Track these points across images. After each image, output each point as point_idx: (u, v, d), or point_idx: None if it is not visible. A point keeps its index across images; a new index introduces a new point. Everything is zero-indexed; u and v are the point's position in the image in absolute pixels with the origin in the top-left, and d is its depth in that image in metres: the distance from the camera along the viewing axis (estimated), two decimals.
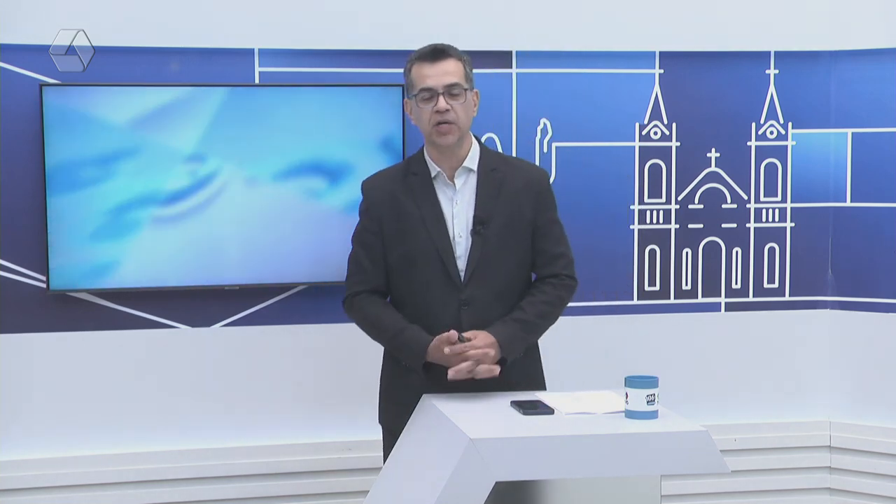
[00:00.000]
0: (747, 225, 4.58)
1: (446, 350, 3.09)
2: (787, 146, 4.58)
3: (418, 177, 3.25)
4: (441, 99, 3.16)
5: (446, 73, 3.18)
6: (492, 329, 3.15)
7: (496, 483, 2.63)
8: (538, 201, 3.26)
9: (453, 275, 3.19)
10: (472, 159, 3.26)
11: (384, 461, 3.26)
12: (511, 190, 3.23)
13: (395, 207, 3.24)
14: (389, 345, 3.25)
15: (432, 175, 3.24)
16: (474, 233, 3.19)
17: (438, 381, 3.16)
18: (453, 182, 3.24)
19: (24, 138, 4.04)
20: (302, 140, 4.17)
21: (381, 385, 3.39)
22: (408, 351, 3.18)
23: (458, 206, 3.23)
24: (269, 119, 4.14)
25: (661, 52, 4.46)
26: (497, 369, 3.12)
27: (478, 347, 3.09)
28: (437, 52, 3.20)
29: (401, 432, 3.14)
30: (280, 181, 4.16)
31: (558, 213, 3.34)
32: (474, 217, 3.21)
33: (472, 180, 3.25)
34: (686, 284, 4.55)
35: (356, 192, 4.17)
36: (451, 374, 3.09)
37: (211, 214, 4.13)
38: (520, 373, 3.24)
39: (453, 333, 3.09)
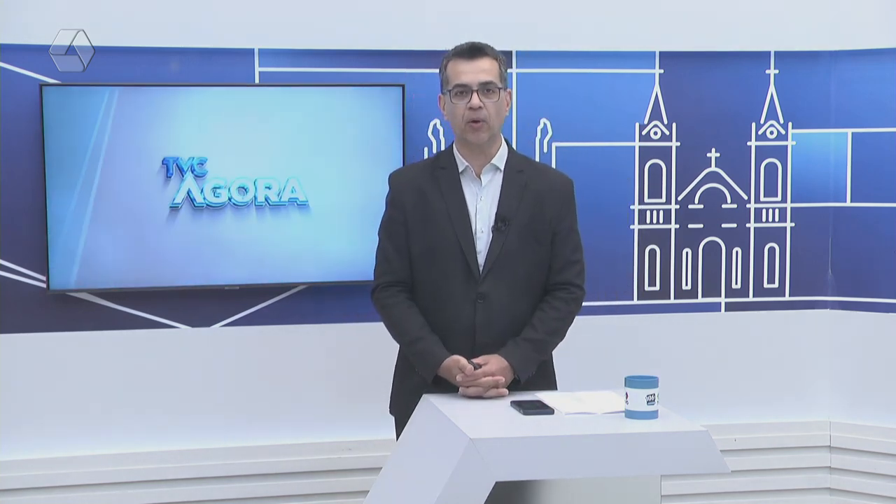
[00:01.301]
0: (747, 225, 4.58)
1: (459, 378, 3.14)
2: (787, 146, 4.58)
3: (446, 171, 3.29)
4: (475, 96, 3.19)
5: (482, 70, 3.21)
6: (504, 352, 3.19)
7: (496, 483, 2.63)
8: (560, 207, 3.30)
9: (473, 268, 3.23)
10: (501, 158, 3.29)
11: None
12: (535, 192, 3.27)
13: (420, 199, 3.27)
14: (406, 350, 3.30)
15: (460, 170, 3.28)
16: (495, 229, 3.23)
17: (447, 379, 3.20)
18: (480, 178, 3.27)
19: (24, 138, 4.04)
20: (302, 140, 4.17)
21: (394, 376, 3.42)
22: (421, 361, 3.23)
23: (483, 202, 3.26)
24: (269, 119, 4.14)
25: (661, 52, 4.47)
26: (505, 393, 3.15)
27: (490, 374, 3.13)
28: (473, 50, 3.23)
29: None
30: (280, 181, 4.16)
31: (578, 223, 3.36)
32: (496, 214, 3.24)
33: (498, 178, 3.29)
34: (686, 284, 4.55)
35: (356, 192, 4.20)
36: (461, 391, 3.16)
37: (211, 214, 4.13)
38: (532, 379, 3.26)
39: (467, 365, 3.13)
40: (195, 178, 4.10)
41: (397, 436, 3.36)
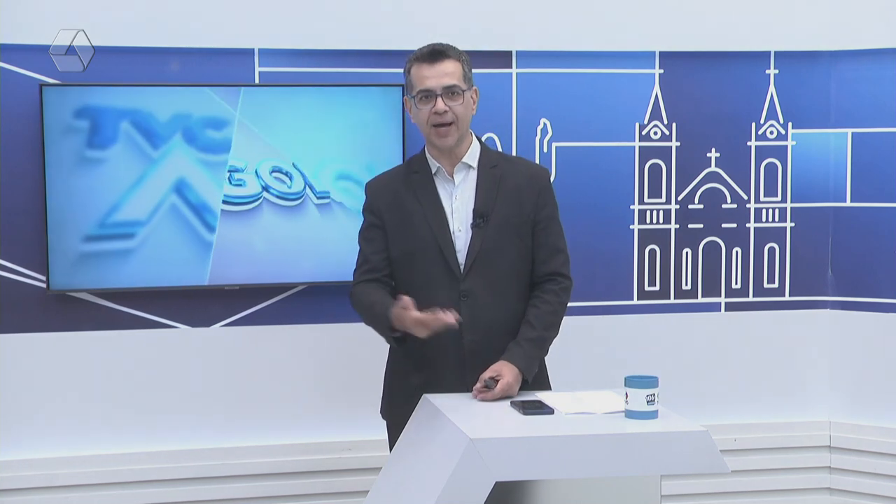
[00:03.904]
0: (747, 225, 4.58)
1: (479, 398, 3.07)
2: (787, 146, 4.58)
3: (419, 174, 3.29)
4: (439, 101, 3.18)
5: (445, 74, 3.20)
6: (509, 356, 3.16)
7: (496, 483, 2.63)
8: (538, 198, 3.29)
9: (453, 268, 3.22)
10: (472, 156, 3.29)
11: (390, 451, 3.28)
12: (511, 186, 3.27)
13: (397, 204, 3.27)
14: (369, 323, 3.26)
15: (433, 171, 3.28)
16: (474, 226, 3.22)
17: (443, 378, 3.20)
18: (453, 178, 3.27)
19: (24, 138, 4.04)
20: (302, 140, 4.17)
21: (385, 379, 3.41)
22: (378, 323, 3.18)
23: (458, 202, 3.26)
24: (269, 119, 4.15)
25: (661, 52, 4.47)
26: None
27: (508, 385, 3.08)
28: (435, 54, 3.22)
29: (403, 424, 3.16)
30: (280, 181, 4.16)
31: (559, 212, 3.35)
32: (474, 211, 3.24)
33: (472, 176, 3.28)
34: (686, 284, 4.55)
35: (356, 192, 4.20)
36: (478, 398, 3.10)
37: (211, 214, 4.13)
38: None
39: (407, 300, 3.06)
40: (195, 178, 4.10)
41: (389, 440, 3.35)
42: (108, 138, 4.04)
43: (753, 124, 4.56)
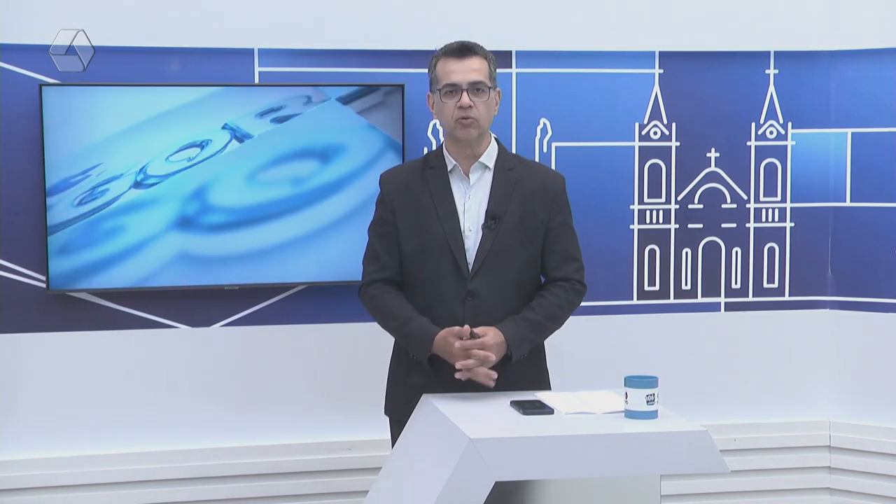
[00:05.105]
0: (747, 225, 4.58)
1: (457, 344, 3.11)
2: (786, 146, 4.58)
3: (435, 170, 3.29)
4: (465, 95, 3.19)
5: (472, 70, 3.21)
6: (501, 326, 3.18)
7: (496, 483, 2.63)
8: (553, 204, 3.30)
9: (462, 267, 3.23)
10: (490, 157, 3.30)
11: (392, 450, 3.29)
12: (526, 190, 3.27)
13: (410, 199, 3.27)
14: (397, 334, 3.28)
15: (449, 168, 3.28)
16: (485, 227, 3.23)
17: (442, 377, 3.19)
18: (468, 177, 3.27)
19: (24, 138, 4.04)
20: (302, 140, 4.17)
21: (388, 377, 3.41)
22: (415, 341, 3.21)
23: (471, 200, 3.27)
24: (268, 119, 4.14)
25: (661, 52, 4.47)
26: (494, 375, 3.15)
27: (487, 346, 3.11)
28: (464, 49, 3.24)
29: (405, 423, 3.17)
30: (280, 182, 4.16)
31: (573, 220, 3.35)
32: (487, 212, 3.24)
33: (488, 177, 3.29)
34: (686, 284, 4.55)
35: (356, 192, 4.20)
36: (458, 374, 3.13)
37: (211, 214, 4.13)
38: (525, 375, 3.26)
39: (465, 328, 3.12)
40: (195, 177, 4.10)
41: (392, 437, 3.36)
42: (108, 138, 4.03)
43: (753, 124, 4.56)
